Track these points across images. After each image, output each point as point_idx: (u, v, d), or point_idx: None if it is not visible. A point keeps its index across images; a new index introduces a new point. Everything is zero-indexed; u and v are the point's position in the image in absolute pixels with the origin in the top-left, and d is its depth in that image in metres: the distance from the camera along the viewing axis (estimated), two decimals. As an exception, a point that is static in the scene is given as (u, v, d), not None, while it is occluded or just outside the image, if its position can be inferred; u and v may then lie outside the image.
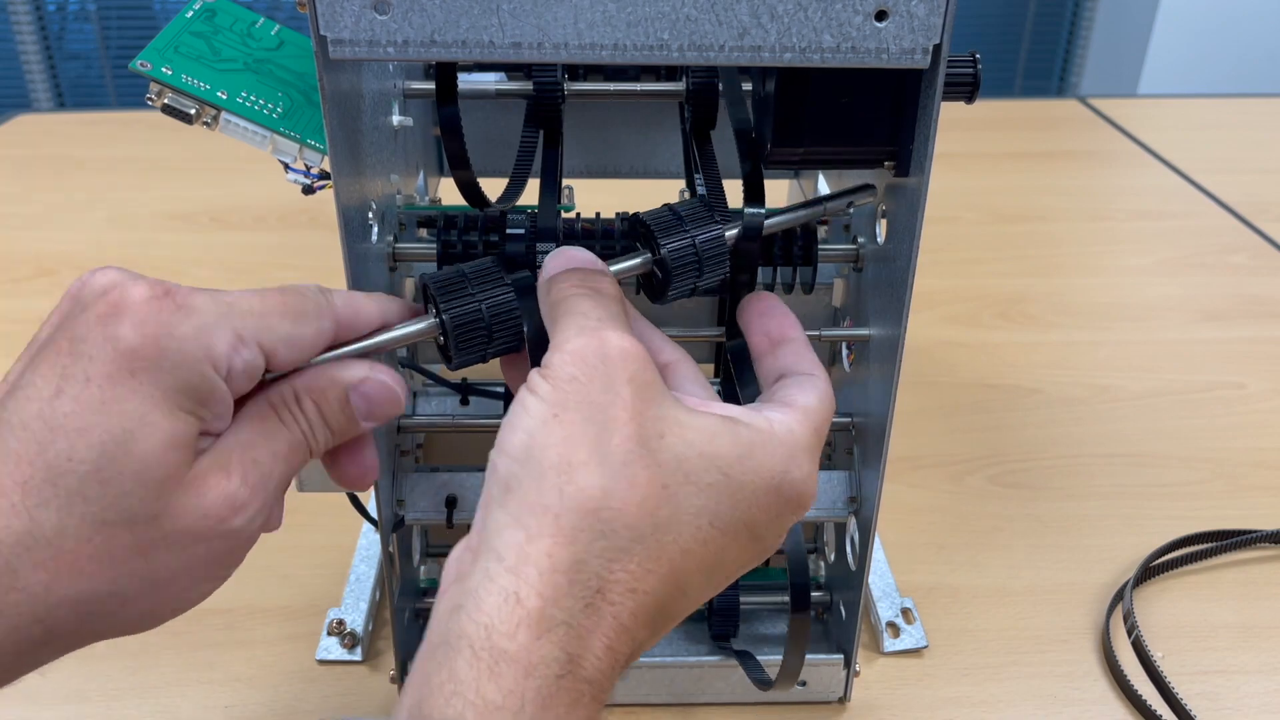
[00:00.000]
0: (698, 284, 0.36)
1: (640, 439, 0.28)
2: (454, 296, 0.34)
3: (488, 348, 0.34)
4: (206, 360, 0.28)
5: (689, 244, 0.35)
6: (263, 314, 0.30)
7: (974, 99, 0.35)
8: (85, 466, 0.27)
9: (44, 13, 2.54)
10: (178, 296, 0.29)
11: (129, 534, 0.28)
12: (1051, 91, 2.71)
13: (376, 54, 0.31)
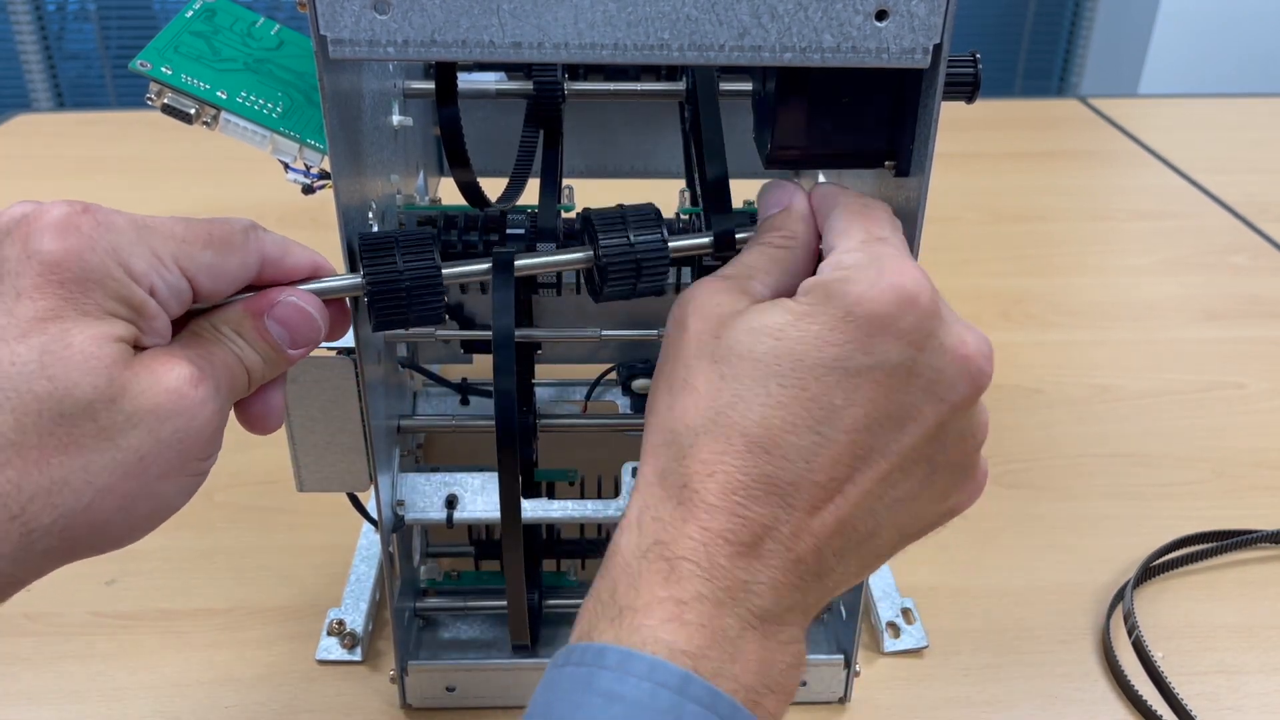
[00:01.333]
0: (636, 286, 0.35)
1: (698, 351, 0.31)
2: (380, 259, 0.34)
3: (407, 314, 0.34)
4: (125, 273, 0.29)
5: (627, 246, 0.35)
6: (185, 239, 0.31)
7: (974, 99, 0.35)
8: (30, 367, 0.27)
9: (44, 13, 2.54)
10: (97, 214, 0.29)
11: (90, 421, 0.28)
12: (1051, 91, 2.71)
13: (376, 54, 0.31)
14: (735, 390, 0.30)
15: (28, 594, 0.54)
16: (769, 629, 0.29)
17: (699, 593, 0.28)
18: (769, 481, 0.29)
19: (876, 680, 0.49)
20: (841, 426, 0.29)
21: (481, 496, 0.44)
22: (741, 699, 0.28)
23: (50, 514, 0.28)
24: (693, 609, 0.28)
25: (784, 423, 0.29)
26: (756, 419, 0.29)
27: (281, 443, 0.44)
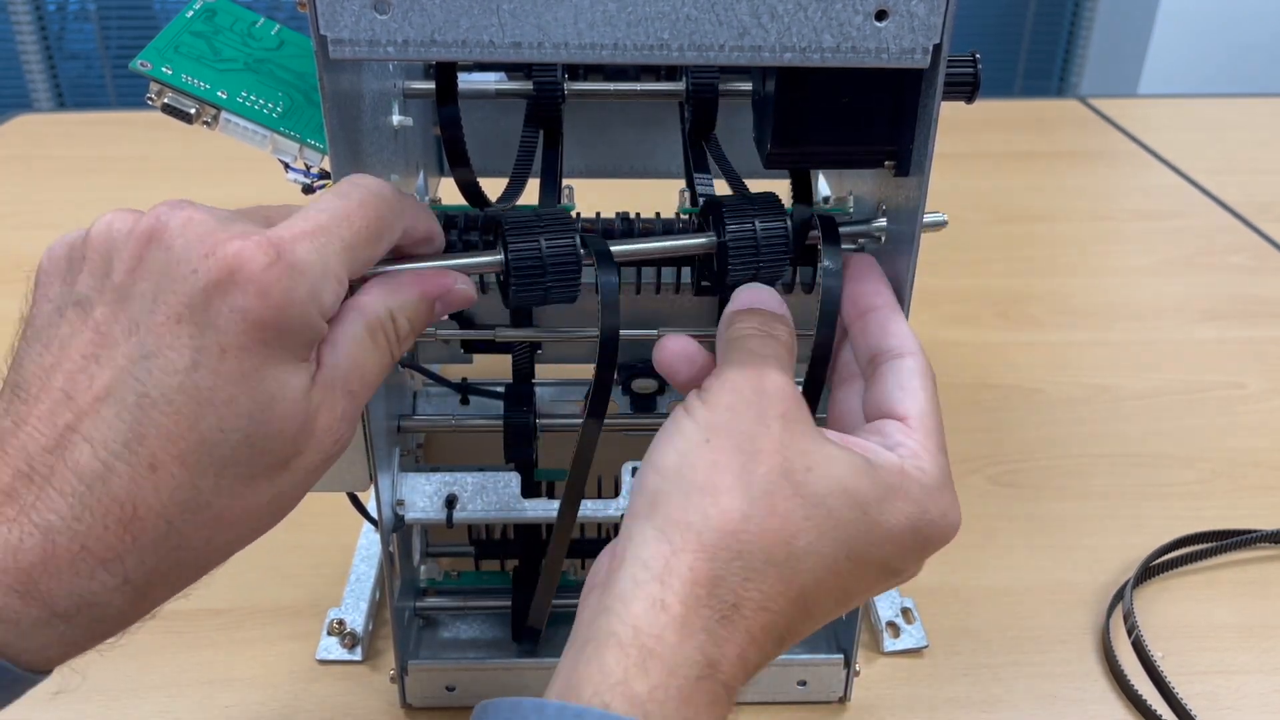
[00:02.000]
0: (758, 270, 0.36)
1: (784, 470, 0.30)
2: (523, 237, 0.34)
3: (546, 292, 0.35)
4: (320, 315, 0.29)
5: (751, 232, 0.36)
6: (353, 245, 0.30)
7: (974, 99, 0.35)
8: (237, 435, 0.28)
9: (44, 13, 2.54)
10: (288, 257, 0.28)
11: (269, 483, 0.29)
12: (1051, 91, 2.71)
13: (376, 54, 0.31)
14: (810, 542, 0.30)
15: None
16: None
17: (717, 698, 0.29)
18: (791, 630, 0.31)
19: (876, 680, 0.49)
20: (859, 600, 0.33)
21: (481, 496, 0.44)
22: None
23: (222, 560, 0.31)
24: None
25: (830, 590, 0.31)
26: (815, 578, 0.30)
27: (281, 443, 0.44)
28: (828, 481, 0.30)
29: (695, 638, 0.28)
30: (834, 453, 0.31)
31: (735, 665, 0.29)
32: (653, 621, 0.28)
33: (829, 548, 0.30)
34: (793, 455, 0.30)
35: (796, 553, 0.30)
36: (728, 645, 0.29)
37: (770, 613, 0.30)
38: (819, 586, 0.30)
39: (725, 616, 0.29)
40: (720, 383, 0.32)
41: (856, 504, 0.31)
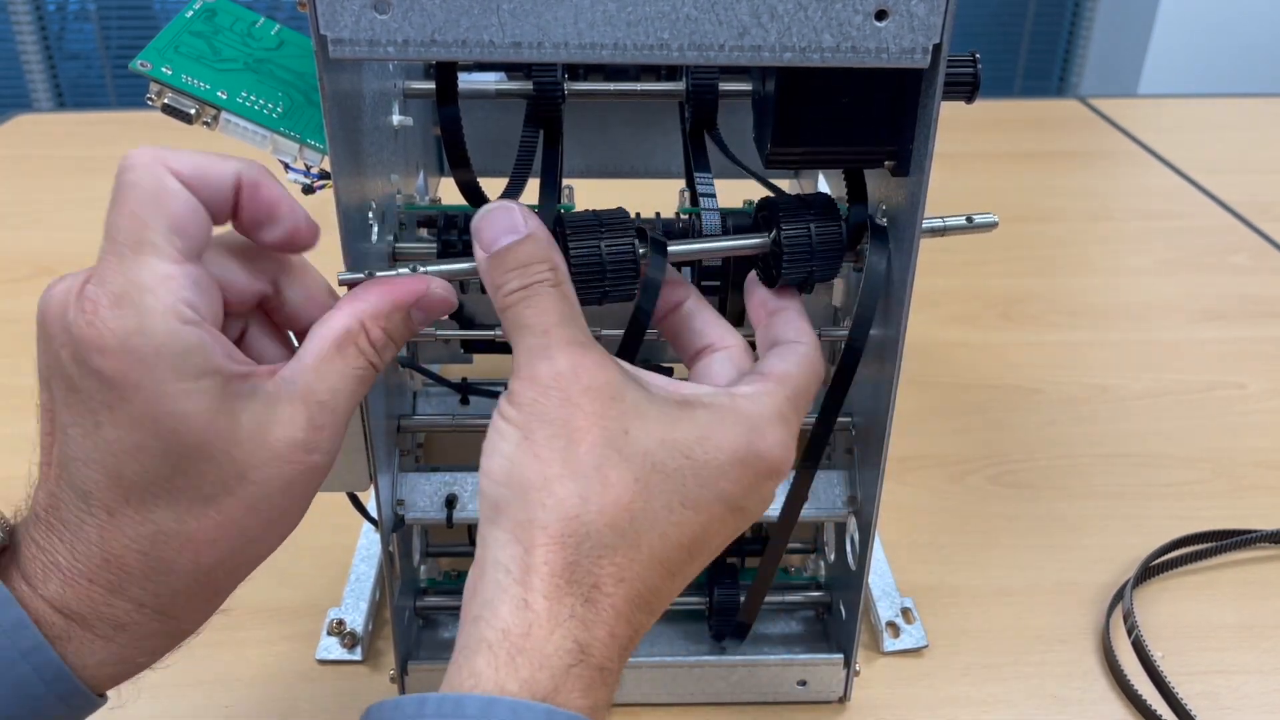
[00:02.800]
0: (812, 272, 0.37)
1: (605, 441, 0.31)
2: (584, 238, 0.35)
3: (605, 293, 0.35)
4: (183, 322, 0.29)
5: (806, 234, 0.36)
6: (170, 235, 0.30)
7: (974, 99, 0.35)
8: (164, 470, 0.29)
9: (44, 13, 2.54)
10: (100, 298, 0.29)
11: (230, 500, 0.30)
12: (1051, 91, 2.71)
13: (376, 54, 0.31)
14: (646, 501, 0.31)
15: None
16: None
17: (592, 681, 0.30)
18: (657, 594, 0.31)
19: (876, 680, 0.49)
20: (714, 546, 0.33)
21: (481, 496, 0.44)
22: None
23: (227, 569, 0.32)
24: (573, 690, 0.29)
25: (679, 542, 0.31)
26: (660, 534, 0.31)
27: (281, 443, 0.44)
28: (647, 438, 0.31)
29: (562, 627, 0.29)
30: (646, 408, 0.31)
31: (607, 645, 0.30)
32: (519, 620, 0.29)
33: (665, 500, 0.31)
34: (609, 423, 0.31)
35: (637, 515, 0.30)
36: (596, 627, 0.30)
37: (629, 582, 0.30)
38: (668, 542, 0.31)
39: (588, 599, 0.30)
40: (518, 381, 0.32)
41: (678, 450, 0.31)
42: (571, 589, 0.30)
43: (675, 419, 0.32)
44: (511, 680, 0.28)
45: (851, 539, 0.45)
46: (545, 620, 0.29)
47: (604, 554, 0.30)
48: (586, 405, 0.31)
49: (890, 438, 0.40)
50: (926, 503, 0.61)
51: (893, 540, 0.57)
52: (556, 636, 0.29)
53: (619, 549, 0.30)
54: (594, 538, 0.30)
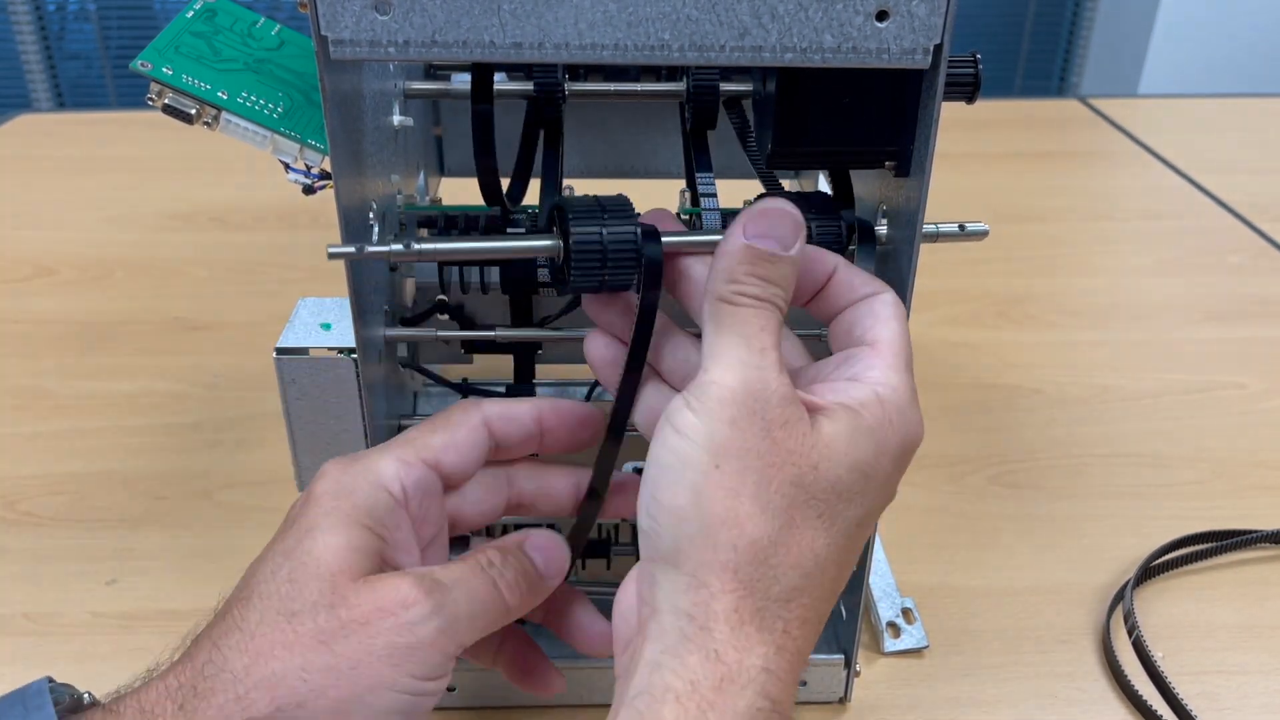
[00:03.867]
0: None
1: (796, 481, 0.30)
2: (585, 222, 0.34)
3: (602, 282, 0.35)
4: (380, 485, 0.34)
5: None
6: (416, 439, 0.35)
7: (974, 99, 0.35)
8: (281, 572, 0.32)
9: (44, 13, 2.54)
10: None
11: (311, 621, 0.31)
12: (1051, 91, 2.71)
13: (377, 54, 0.31)
14: (831, 538, 0.30)
15: (28, 594, 0.54)
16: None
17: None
18: (825, 617, 0.31)
19: (876, 680, 0.49)
20: (856, 554, 0.33)
21: (482, 496, 0.44)
22: None
23: (267, 703, 0.30)
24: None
25: (852, 560, 0.32)
26: (838, 566, 0.31)
27: (281, 443, 0.44)
28: (833, 471, 0.30)
29: (755, 682, 0.28)
30: (829, 437, 0.30)
31: (789, 688, 0.29)
32: (710, 673, 0.28)
33: (845, 526, 0.31)
34: (799, 461, 0.30)
35: (820, 555, 0.30)
36: (784, 674, 0.29)
37: (812, 623, 0.30)
38: (845, 568, 0.31)
39: (779, 646, 0.29)
40: (717, 389, 0.30)
41: (860, 473, 0.31)
42: (762, 637, 0.29)
43: (852, 441, 0.30)
44: None
45: (852, 539, 0.45)
46: (737, 674, 0.28)
47: (791, 598, 0.29)
48: (783, 440, 0.29)
49: (891, 438, 0.40)
50: (926, 503, 0.61)
51: (893, 540, 0.57)
52: (749, 693, 0.28)
53: (805, 590, 0.30)
54: (782, 582, 0.29)
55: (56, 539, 0.57)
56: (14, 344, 0.73)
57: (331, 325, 0.43)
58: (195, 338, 0.76)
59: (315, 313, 0.44)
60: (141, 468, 0.62)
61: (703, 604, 0.29)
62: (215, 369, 0.72)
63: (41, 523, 0.58)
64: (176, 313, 0.78)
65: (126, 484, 0.61)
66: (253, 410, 0.67)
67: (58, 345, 0.73)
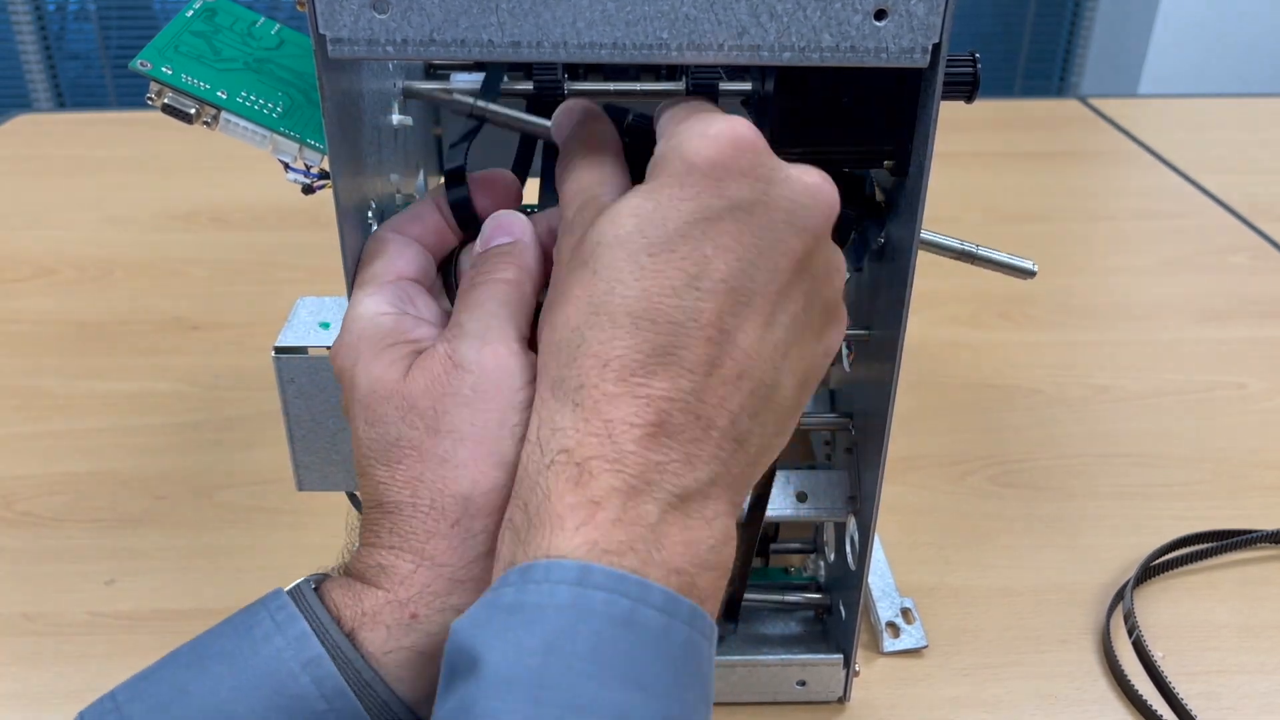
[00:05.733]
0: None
1: (557, 277, 0.32)
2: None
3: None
4: (374, 317, 0.34)
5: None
6: (366, 274, 0.35)
7: (973, 99, 0.35)
8: (396, 429, 0.32)
9: (44, 13, 2.54)
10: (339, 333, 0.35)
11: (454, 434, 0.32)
12: (1051, 91, 2.71)
13: (375, 53, 0.31)
14: (609, 277, 0.29)
15: (27, 594, 0.54)
16: (691, 507, 0.28)
17: (611, 487, 0.27)
18: (663, 352, 0.29)
19: (876, 680, 0.49)
20: (717, 275, 0.29)
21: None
22: (674, 584, 0.27)
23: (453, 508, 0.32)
24: (607, 506, 0.27)
25: (662, 288, 0.29)
26: (636, 294, 0.29)
27: (281, 443, 0.44)
28: (597, 229, 0.30)
29: (549, 441, 0.29)
30: (603, 209, 0.31)
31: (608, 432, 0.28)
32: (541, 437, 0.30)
33: (623, 266, 0.29)
34: (559, 271, 0.32)
35: (600, 297, 0.29)
36: (591, 423, 0.28)
37: (616, 357, 0.29)
38: (646, 295, 0.29)
39: (576, 403, 0.29)
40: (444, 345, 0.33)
41: (629, 212, 0.30)
42: (562, 402, 0.29)
43: (619, 201, 0.31)
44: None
45: (851, 539, 0.45)
46: (541, 438, 0.30)
47: (576, 354, 0.29)
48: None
49: (890, 438, 0.40)
50: (926, 503, 0.60)
51: (893, 540, 0.57)
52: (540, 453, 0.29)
53: (590, 339, 0.29)
54: (564, 346, 0.30)
55: (56, 539, 0.57)
56: (14, 344, 0.73)
57: (330, 324, 0.43)
58: (195, 338, 0.76)
59: (314, 312, 0.44)
60: (141, 468, 0.62)
61: (536, 394, 0.31)
62: (215, 369, 0.72)
63: (41, 522, 0.58)
64: (176, 313, 0.78)
65: (126, 484, 0.61)
66: (252, 410, 0.67)
67: (58, 345, 0.73)
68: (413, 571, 0.31)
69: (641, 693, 0.26)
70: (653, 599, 0.27)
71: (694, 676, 0.27)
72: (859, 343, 0.45)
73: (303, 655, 0.30)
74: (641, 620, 0.26)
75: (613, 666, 0.26)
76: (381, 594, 0.31)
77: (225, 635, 0.31)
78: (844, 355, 0.48)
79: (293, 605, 0.31)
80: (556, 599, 0.26)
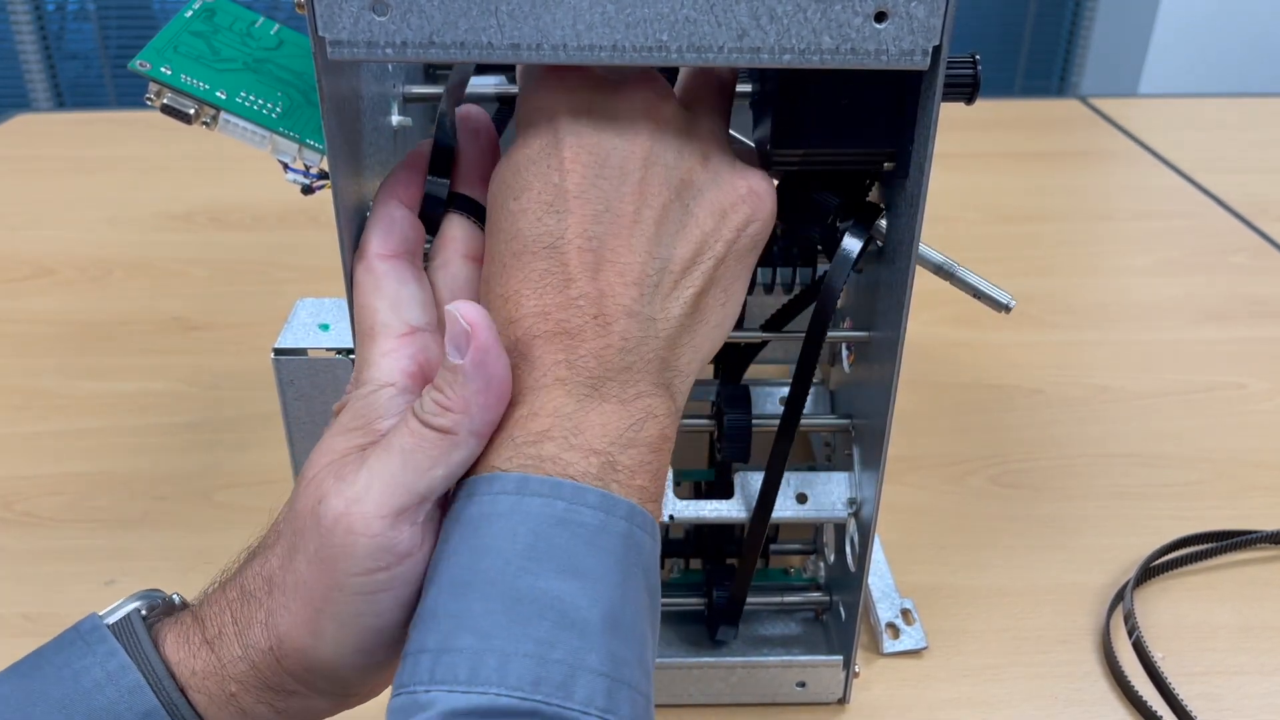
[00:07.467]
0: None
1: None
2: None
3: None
4: (379, 387, 0.33)
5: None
6: (371, 331, 0.34)
7: (974, 100, 0.35)
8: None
9: (44, 13, 2.54)
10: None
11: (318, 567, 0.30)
12: (1051, 91, 2.71)
13: (375, 55, 0.31)
14: (494, 231, 0.33)
15: (27, 594, 0.54)
16: (608, 391, 0.31)
17: (525, 386, 0.31)
18: (544, 273, 0.32)
19: (876, 681, 0.49)
20: (568, 194, 0.32)
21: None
22: (594, 464, 0.30)
23: (296, 657, 0.31)
24: (522, 404, 0.31)
25: (529, 222, 0.32)
26: (512, 235, 0.32)
27: (281, 443, 0.44)
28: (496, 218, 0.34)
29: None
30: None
31: (518, 348, 0.32)
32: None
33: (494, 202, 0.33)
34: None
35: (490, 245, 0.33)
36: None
37: (500, 280, 0.32)
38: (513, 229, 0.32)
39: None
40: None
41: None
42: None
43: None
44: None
45: (851, 540, 0.45)
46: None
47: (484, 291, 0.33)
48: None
49: (890, 438, 0.40)
50: (926, 503, 0.60)
51: (893, 541, 0.57)
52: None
53: (493, 279, 0.33)
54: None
55: (55, 539, 0.57)
56: (13, 344, 0.73)
57: (329, 326, 0.43)
58: (194, 338, 0.76)
59: (314, 313, 0.44)
60: (141, 468, 0.62)
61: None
62: (214, 369, 0.72)
63: (40, 523, 0.58)
64: (176, 313, 0.78)
65: (126, 484, 0.61)
66: (252, 410, 0.67)
67: (57, 345, 0.73)
68: (238, 658, 0.31)
69: (578, 580, 0.28)
70: (588, 499, 0.29)
71: (635, 566, 0.29)
72: (859, 344, 0.45)
73: (137, 709, 0.30)
74: (577, 519, 0.29)
75: (550, 558, 0.28)
76: (213, 659, 0.31)
77: (51, 680, 0.30)
78: (844, 356, 0.48)
79: (123, 652, 0.30)
80: (499, 507, 0.29)
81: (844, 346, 0.48)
